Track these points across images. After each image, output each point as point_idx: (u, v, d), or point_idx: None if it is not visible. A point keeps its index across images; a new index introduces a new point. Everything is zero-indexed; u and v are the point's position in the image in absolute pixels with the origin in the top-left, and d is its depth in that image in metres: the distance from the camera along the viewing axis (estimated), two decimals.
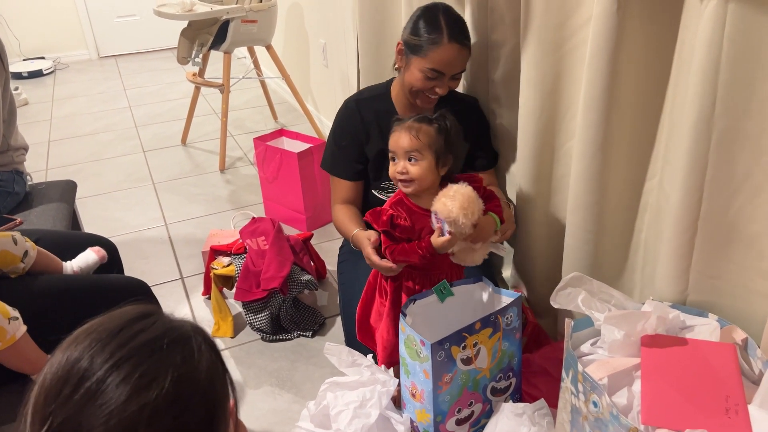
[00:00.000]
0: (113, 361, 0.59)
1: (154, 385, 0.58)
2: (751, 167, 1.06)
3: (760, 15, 0.96)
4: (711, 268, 1.17)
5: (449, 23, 1.47)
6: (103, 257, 1.40)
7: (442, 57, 1.46)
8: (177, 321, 0.66)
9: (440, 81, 1.50)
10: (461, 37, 1.47)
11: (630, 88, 1.22)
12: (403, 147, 1.32)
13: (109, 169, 3.10)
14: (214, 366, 0.65)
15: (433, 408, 1.32)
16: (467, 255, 1.39)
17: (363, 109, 1.64)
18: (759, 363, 1.08)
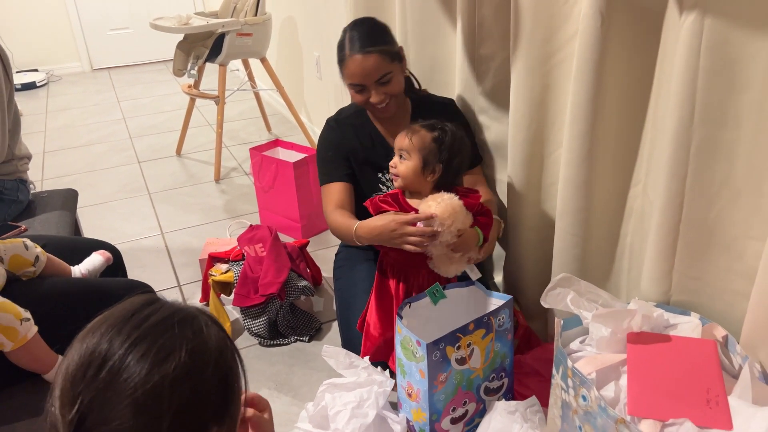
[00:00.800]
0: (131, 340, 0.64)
1: (171, 358, 0.64)
2: (728, 174, 1.12)
3: (734, 30, 1.03)
4: (693, 269, 1.23)
5: (351, 38, 1.53)
6: (108, 259, 1.44)
7: (351, 71, 1.53)
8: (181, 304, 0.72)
9: (368, 92, 1.55)
10: (363, 45, 1.50)
11: (614, 99, 1.28)
12: (397, 144, 1.46)
13: (104, 180, 3.14)
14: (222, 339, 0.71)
15: (428, 407, 1.36)
16: (444, 264, 1.46)
17: (342, 126, 1.69)
18: (738, 358, 1.14)
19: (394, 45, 1.57)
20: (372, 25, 1.57)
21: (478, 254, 1.49)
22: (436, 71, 1.86)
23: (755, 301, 1.09)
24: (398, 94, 1.59)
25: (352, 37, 1.53)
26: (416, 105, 1.70)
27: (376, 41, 1.52)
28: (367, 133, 1.68)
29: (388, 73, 1.53)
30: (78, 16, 5.19)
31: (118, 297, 1.27)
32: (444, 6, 1.75)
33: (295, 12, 3.45)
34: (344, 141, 1.67)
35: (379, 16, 2.01)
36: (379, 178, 1.68)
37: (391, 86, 1.55)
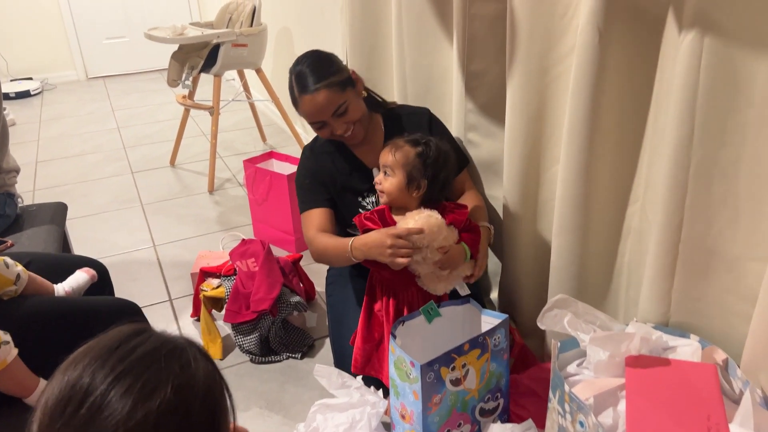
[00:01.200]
0: (114, 374, 0.61)
1: (156, 394, 0.61)
2: (728, 193, 1.10)
3: (733, 49, 1.01)
4: (692, 290, 1.21)
5: (297, 78, 1.52)
6: (93, 276, 1.41)
7: (305, 111, 1.52)
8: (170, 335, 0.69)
9: (329, 126, 1.53)
10: (310, 83, 1.48)
11: (612, 115, 1.26)
12: (382, 160, 1.45)
13: (97, 191, 3.10)
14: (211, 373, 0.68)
15: (422, 429, 1.33)
16: (432, 281, 1.45)
17: (318, 155, 1.67)
18: (739, 383, 1.11)
19: (341, 73, 1.52)
20: (315, 60, 1.53)
21: (472, 270, 1.47)
22: (433, 86, 1.84)
23: (757, 325, 1.06)
24: (361, 118, 1.56)
25: (298, 76, 1.51)
26: (388, 120, 1.67)
27: (321, 76, 1.49)
28: (343, 159, 1.65)
29: (342, 104, 1.50)
30: (74, 24, 5.17)
31: (103, 318, 1.25)
32: (440, 20, 1.73)
33: (291, 23, 3.43)
34: (321, 168, 1.65)
35: (374, 28, 2.01)
36: (359, 203, 1.65)
37: (349, 115, 1.52)
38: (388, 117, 1.68)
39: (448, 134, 1.71)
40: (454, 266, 1.43)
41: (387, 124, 1.67)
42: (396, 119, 1.67)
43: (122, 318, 1.28)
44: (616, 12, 1.16)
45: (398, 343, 1.37)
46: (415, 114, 1.69)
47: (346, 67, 1.57)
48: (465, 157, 1.72)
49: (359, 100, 1.57)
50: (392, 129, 1.65)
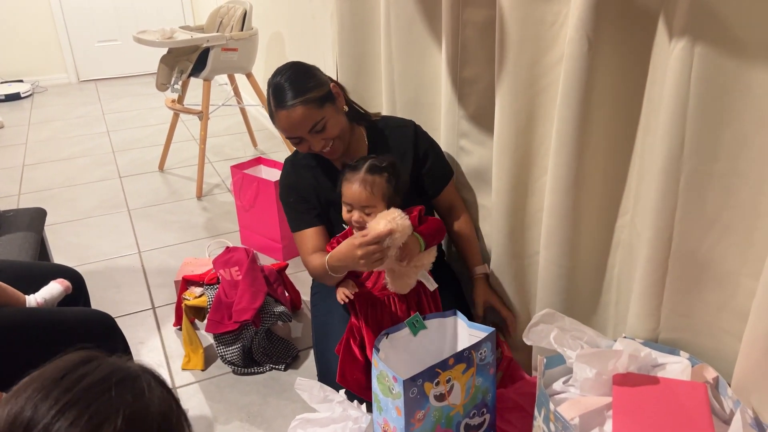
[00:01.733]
0: (59, 407, 0.57)
1: (106, 426, 0.57)
2: (720, 207, 1.07)
3: (725, 60, 0.98)
4: (682, 306, 1.18)
5: (274, 92, 1.47)
6: (67, 288, 1.36)
7: (281, 126, 1.48)
8: (123, 362, 0.65)
9: (306, 141, 1.49)
10: (286, 99, 1.44)
11: (602, 126, 1.23)
12: (359, 202, 1.41)
13: (83, 195, 3.06)
14: (167, 402, 0.64)
15: None
16: (396, 279, 1.46)
17: (299, 169, 1.64)
18: (730, 402, 1.08)
19: (320, 88, 1.47)
20: (293, 74, 1.48)
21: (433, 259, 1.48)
22: (422, 93, 1.81)
23: (748, 343, 1.03)
24: (340, 133, 1.52)
25: (275, 89, 1.47)
26: (372, 132, 1.64)
27: (298, 92, 1.44)
28: (325, 173, 1.62)
29: (320, 121, 1.46)
30: (65, 27, 5.13)
31: (75, 330, 1.21)
32: (429, 27, 1.71)
33: (283, 28, 3.41)
34: (302, 184, 1.62)
35: (364, 35, 1.98)
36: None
37: (327, 132, 1.48)
38: (373, 129, 1.64)
39: (437, 146, 1.68)
40: (411, 256, 1.41)
41: (371, 137, 1.64)
42: (380, 132, 1.64)
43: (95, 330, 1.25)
44: (605, 20, 1.13)
45: (381, 356, 1.34)
46: (400, 127, 1.65)
47: (327, 81, 1.52)
48: (451, 168, 1.69)
49: (339, 115, 1.52)
50: (377, 142, 1.62)
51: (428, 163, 1.64)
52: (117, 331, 1.31)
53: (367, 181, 1.40)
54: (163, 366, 1.84)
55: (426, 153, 1.64)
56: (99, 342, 1.24)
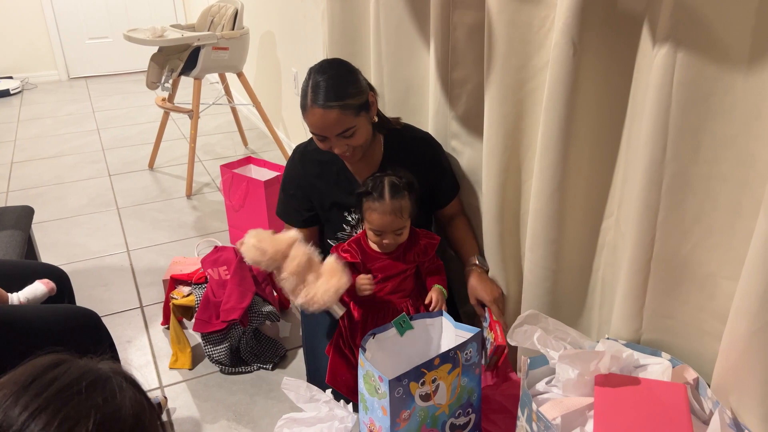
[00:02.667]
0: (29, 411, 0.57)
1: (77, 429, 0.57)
2: (700, 211, 1.09)
3: (706, 65, 1.00)
4: (664, 307, 1.19)
5: (314, 86, 1.42)
6: (52, 290, 1.35)
7: (312, 122, 1.44)
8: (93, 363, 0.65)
9: (330, 142, 1.47)
10: (325, 99, 1.40)
11: (587, 129, 1.25)
12: (393, 228, 1.42)
13: (72, 193, 3.05)
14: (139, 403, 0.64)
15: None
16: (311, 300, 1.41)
17: (307, 162, 1.63)
18: (709, 403, 1.09)
19: (360, 96, 1.45)
20: (338, 74, 1.45)
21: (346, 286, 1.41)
22: (411, 94, 1.82)
23: (726, 345, 1.05)
24: (364, 143, 1.51)
25: (316, 85, 1.43)
26: (389, 141, 1.62)
27: (339, 95, 1.41)
28: (334, 171, 1.61)
29: (351, 128, 1.44)
30: (56, 23, 5.11)
31: (59, 327, 1.21)
32: (419, 28, 1.71)
33: (274, 27, 3.40)
34: (307, 180, 1.62)
35: (354, 35, 1.99)
36: (344, 217, 1.62)
37: (354, 139, 1.46)
38: (390, 138, 1.62)
39: (447, 160, 1.67)
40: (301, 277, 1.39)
41: (387, 146, 1.62)
42: (398, 142, 1.62)
43: (79, 328, 1.25)
44: (590, 26, 1.14)
45: (368, 356, 1.34)
46: (419, 139, 1.64)
47: (367, 89, 1.49)
48: (458, 184, 1.69)
49: (368, 125, 1.50)
50: (392, 151, 1.61)
51: (444, 179, 1.64)
52: (101, 328, 1.30)
53: (396, 209, 1.40)
54: (151, 365, 1.84)
55: (443, 167, 1.64)
56: (83, 339, 1.25)
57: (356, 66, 2.02)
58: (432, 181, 1.61)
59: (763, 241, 0.92)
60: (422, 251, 1.51)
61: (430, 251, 1.52)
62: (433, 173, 1.61)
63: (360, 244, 1.49)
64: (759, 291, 0.94)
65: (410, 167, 1.54)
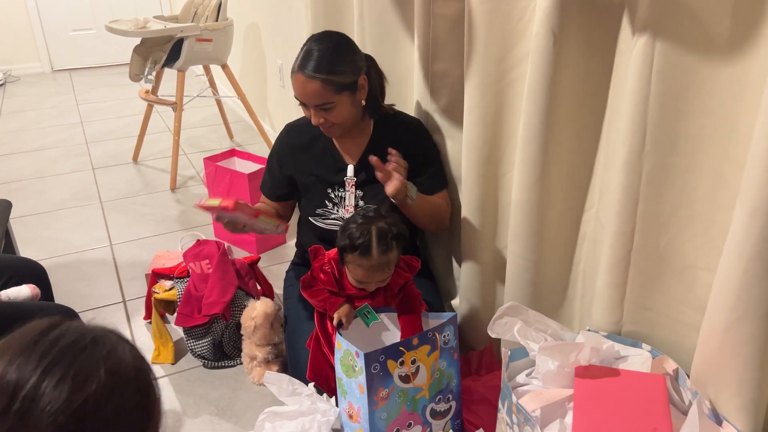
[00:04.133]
0: (43, 366, 0.61)
1: (91, 380, 0.62)
2: (679, 202, 1.09)
3: (684, 56, 0.99)
4: (644, 299, 1.20)
5: (305, 53, 1.45)
6: (36, 296, 1.33)
7: (294, 85, 1.47)
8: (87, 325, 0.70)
9: (308, 110, 1.49)
10: (308, 68, 1.42)
11: (567, 120, 1.24)
12: (377, 280, 1.38)
13: (54, 187, 3.01)
14: (136, 354, 0.69)
15: (369, 426, 1.30)
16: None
17: (294, 135, 1.66)
18: (688, 393, 1.10)
19: (347, 75, 1.44)
20: (333, 48, 1.45)
21: None
22: (394, 85, 1.80)
23: (704, 336, 1.05)
24: (343, 122, 1.50)
25: (308, 52, 1.44)
26: (379, 126, 1.62)
27: (325, 68, 1.41)
28: (320, 146, 1.62)
29: (330, 102, 1.44)
30: (39, 15, 5.03)
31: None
32: (402, 20, 1.70)
33: (258, 19, 3.37)
34: (291, 153, 1.65)
35: (337, 26, 1.97)
36: (327, 194, 1.62)
37: (332, 114, 1.47)
38: (380, 124, 1.62)
39: (436, 150, 1.65)
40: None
41: (376, 130, 1.62)
42: (387, 127, 1.61)
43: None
44: (571, 16, 1.14)
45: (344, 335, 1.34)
46: (408, 124, 1.64)
47: (361, 70, 1.48)
48: (445, 180, 1.66)
49: (351, 106, 1.49)
50: (382, 135, 1.60)
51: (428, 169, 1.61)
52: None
53: (383, 263, 1.33)
54: None
55: (428, 158, 1.61)
56: None
57: None
58: (416, 169, 1.59)
59: (740, 233, 0.92)
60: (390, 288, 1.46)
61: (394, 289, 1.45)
62: (417, 161, 1.59)
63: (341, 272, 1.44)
64: (735, 283, 0.94)
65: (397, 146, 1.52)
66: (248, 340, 1.72)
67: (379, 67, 1.61)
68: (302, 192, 1.68)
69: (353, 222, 1.35)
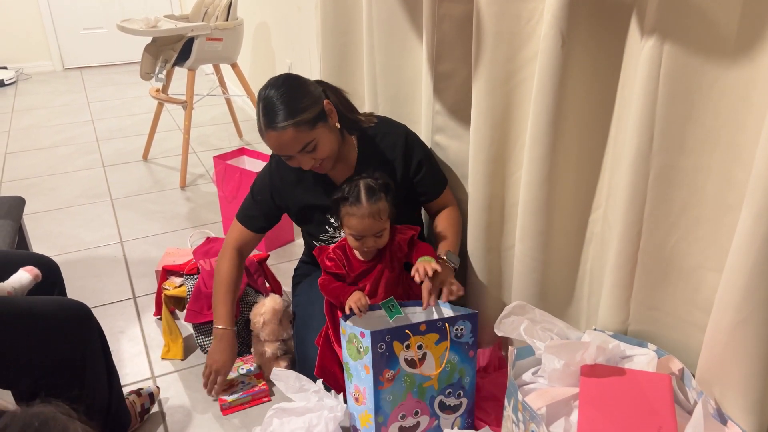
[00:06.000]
0: None
1: None
2: (686, 203, 1.09)
3: (693, 57, 1.00)
4: (650, 299, 1.20)
5: (264, 109, 1.40)
6: (36, 276, 1.34)
7: (270, 144, 1.43)
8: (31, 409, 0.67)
9: (295, 160, 1.45)
10: (277, 120, 1.38)
11: (575, 121, 1.25)
12: (372, 231, 1.41)
13: (65, 184, 3.04)
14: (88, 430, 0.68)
15: (374, 406, 1.31)
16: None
17: (283, 170, 1.61)
18: (694, 393, 1.11)
19: (313, 108, 1.41)
20: (287, 91, 1.40)
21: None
22: (403, 87, 1.81)
23: (710, 336, 1.06)
24: (330, 153, 1.47)
25: (266, 107, 1.39)
26: (363, 140, 1.60)
27: (291, 112, 1.37)
28: (311, 176, 1.58)
29: (311, 142, 1.41)
30: (50, 13, 5.07)
31: (47, 320, 1.21)
32: (410, 20, 1.71)
33: (268, 18, 3.39)
34: (283, 188, 1.62)
35: (346, 27, 1.98)
36: (327, 219, 1.62)
37: (318, 152, 1.43)
38: (363, 137, 1.60)
39: (427, 152, 1.64)
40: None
41: (361, 146, 1.60)
42: (371, 140, 1.60)
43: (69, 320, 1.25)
44: (579, 17, 1.15)
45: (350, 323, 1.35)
46: (390, 135, 1.61)
47: (321, 98, 1.45)
48: (444, 177, 1.66)
49: (330, 134, 1.46)
50: (367, 150, 1.59)
51: (421, 173, 1.60)
52: (92, 321, 1.30)
53: (374, 212, 1.38)
54: (143, 355, 1.84)
55: (419, 162, 1.60)
56: (73, 331, 1.25)
57: (350, 58, 2.03)
58: (411, 175, 1.60)
59: (747, 233, 0.93)
60: (397, 248, 1.49)
61: (404, 246, 1.49)
62: (408, 166, 1.59)
63: (344, 250, 1.49)
64: (742, 283, 0.95)
65: (386, 164, 1.55)
66: (257, 337, 1.74)
67: (331, 84, 1.57)
68: (300, 222, 1.68)
69: (344, 182, 1.47)
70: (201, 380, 1.64)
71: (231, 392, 1.64)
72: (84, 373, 1.27)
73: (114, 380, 1.40)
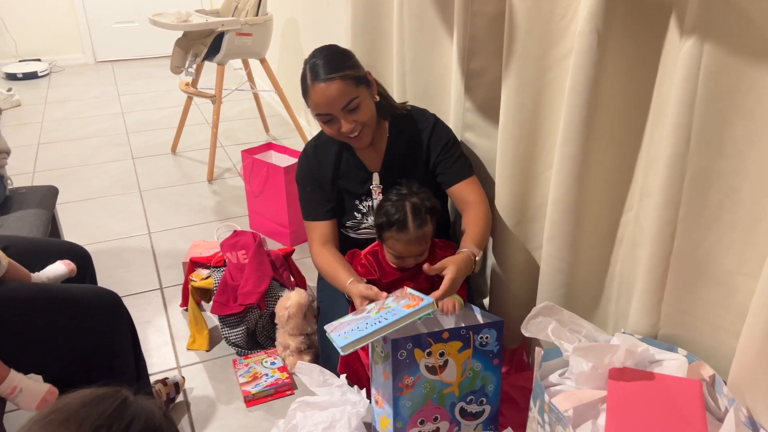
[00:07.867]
0: None
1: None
2: (722, 206, 1.07)
3: (732, 57, 0.98)
4: (682, 303, 1.18)
5: (311, 67, 1.46)
6: (72, 271, 1.37)
7: (316, 100, 1.46)
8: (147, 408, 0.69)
9: (337, 122, 1.47)
10: (325, 73, 1.43)
11: (609, 121, 1.23)
12: (416, 253, 1.44)
13: (96, 175, 3.09)
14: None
15: (393, 411, 1.31)
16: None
17: (320, 153, 1.64)
18: (725, 400, 1.08)
19: (358, 69, 1.49)
20: (332, 52, 1.49)
21: None
22: (433, 83, 1.81)
23: (745, 343, 1.03)
24: (370, 121, 1.51)
25: (313, 66, 1.46)
26: (394, 126, 1.62)
27: (337, 67, 1.44)
28: (345, 160, 1.62)
29: (355, 98, 1.45)
30: (84, 7, 5.16)
31: (80, 307, 1.23)
32: (441, 16, 1.70)
33: (297, 14, 3.41)
34: (320, 171, 1.63)
35: (376, 23, 1.98)
36: (356, 206, 1.64)
37: (360, 113, 1.47)
38: (395, 123, 1.63)
39: (454, 138, 1.63)
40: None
41: (392, 131, 1.63)
42: (401, 126, 1.62)
43: (101, 308, 1.27)
44: (616, 15, 1.13)
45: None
46: (420, 121, 1.63)
47: (362, 66, 1.53)
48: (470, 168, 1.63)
49: (370, 101, 1.51)
50: (397, 136, 1.61)
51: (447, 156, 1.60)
52: (122, 309, 1.33)
53: (419, 237, 1.41)
54: (169, 345, 1.87)
55: (445, 145, 1.60)
56: (104, 319, 1.28)
57: (379, 55, 2.03)
58: (434, 159, 1.60)
59: None
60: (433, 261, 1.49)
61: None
62: (437, 149, 1.60)
63: (377, 257, 1.49)
64: None
65: (414, 147, 1.56)
66: (281, 330, 1.75)
67: None
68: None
69: (388, 200, 1.45)
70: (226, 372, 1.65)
71: (254, 384, 1.66)
72: (113, 360, 1.29)
73: (142, 368, 1.42)
